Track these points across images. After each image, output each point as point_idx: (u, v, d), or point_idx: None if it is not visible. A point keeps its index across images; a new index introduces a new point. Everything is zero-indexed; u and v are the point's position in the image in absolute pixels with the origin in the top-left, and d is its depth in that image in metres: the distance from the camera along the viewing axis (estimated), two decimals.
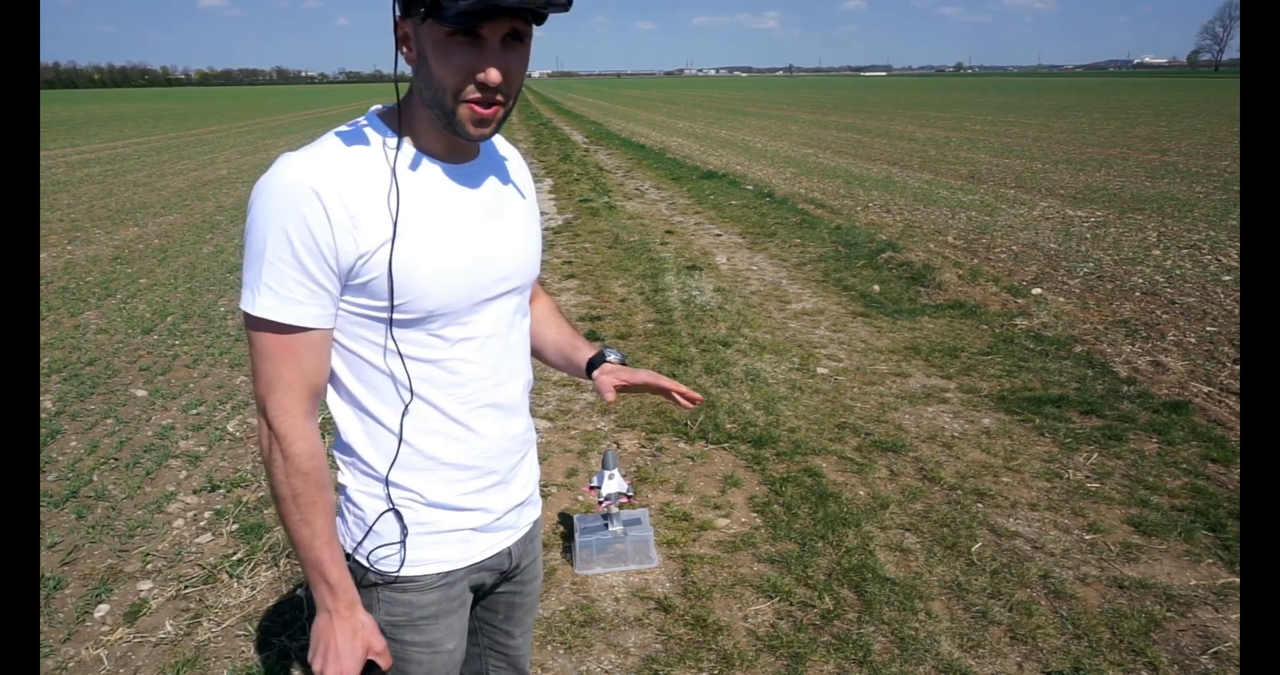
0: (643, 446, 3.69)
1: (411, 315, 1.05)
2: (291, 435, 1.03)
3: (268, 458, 1.04)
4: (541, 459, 3.51)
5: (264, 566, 2.78)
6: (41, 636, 2.44)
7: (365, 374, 1.08)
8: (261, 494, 3.27)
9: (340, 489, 1.14)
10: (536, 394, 4.22)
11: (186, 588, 2.68)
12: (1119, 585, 2.63)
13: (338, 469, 1.14)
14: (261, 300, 0.98)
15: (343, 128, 1.06)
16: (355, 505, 1.14)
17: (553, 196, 11.10)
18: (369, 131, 1.05)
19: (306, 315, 1.00)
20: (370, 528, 1.12)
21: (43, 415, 4.01)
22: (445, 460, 1.13)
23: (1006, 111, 30.89)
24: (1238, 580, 2.63)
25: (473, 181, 1.11)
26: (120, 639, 2.44)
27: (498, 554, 1.24)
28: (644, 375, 1.34)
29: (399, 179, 1.02)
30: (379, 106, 1.10)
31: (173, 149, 18.56)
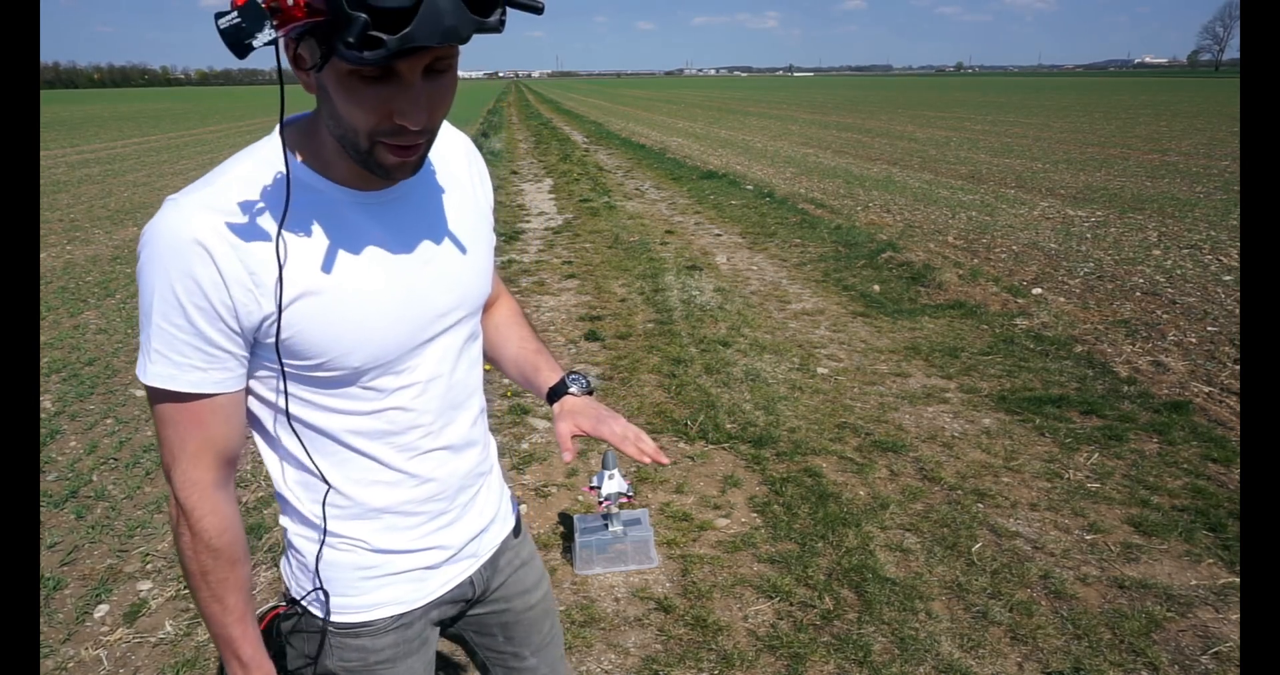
0: None
1: (337, 373, 0.94)
2: (199, 510, 0.93)
3: (175, 530, 0.95)
4: (542, 459, 3.53)
5: (264, 566, 2.78)
6: (41, 636, 2.45)
7: (293, 426, 0.98)
8: (262, 494, 3.27)
9: (282, 531, 1.08)
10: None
11: (186, 588, 2.67)
12: (1119, 585, 2.63)
13: (279, 509, 1.08)
14: (154, 368, 0.87)
15: (242, 157, 0.91)
16: (297, 550, 1.05)
17: (553, 196, 11.09)
18: (272, 161, 0.89)
19: (208, 381, 0.89)
20: (315, 572, 1.04)
21: (43, 415, 4.01)
22: (387, 509, 1.04)
23: (1006, 111, 30.87)
24: (1238, 580, 2.63)
25: (398, 209, 0.96)
26: (120, 639, 2.44)
27: (458, 586, 1.15)
28: (606, 433, 1.16)
29: (303, 221, 0.89)
30: (291, 117, 0.92)
31: (173, 149, 18.55)
